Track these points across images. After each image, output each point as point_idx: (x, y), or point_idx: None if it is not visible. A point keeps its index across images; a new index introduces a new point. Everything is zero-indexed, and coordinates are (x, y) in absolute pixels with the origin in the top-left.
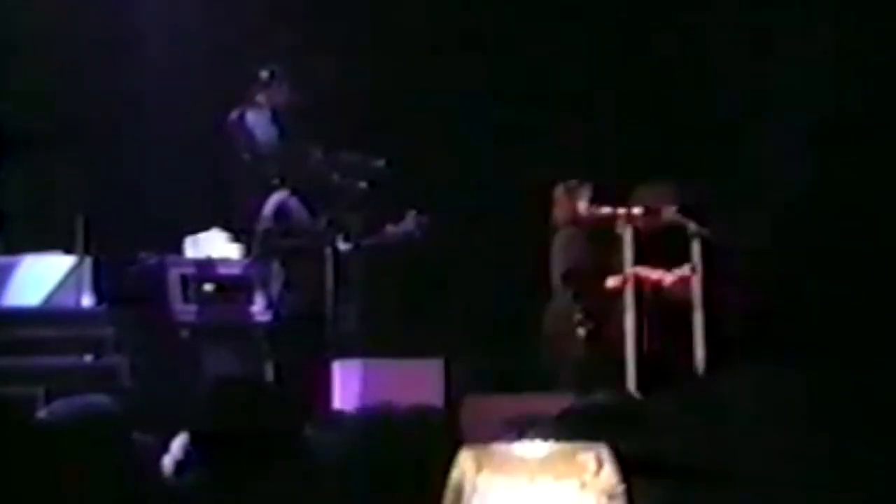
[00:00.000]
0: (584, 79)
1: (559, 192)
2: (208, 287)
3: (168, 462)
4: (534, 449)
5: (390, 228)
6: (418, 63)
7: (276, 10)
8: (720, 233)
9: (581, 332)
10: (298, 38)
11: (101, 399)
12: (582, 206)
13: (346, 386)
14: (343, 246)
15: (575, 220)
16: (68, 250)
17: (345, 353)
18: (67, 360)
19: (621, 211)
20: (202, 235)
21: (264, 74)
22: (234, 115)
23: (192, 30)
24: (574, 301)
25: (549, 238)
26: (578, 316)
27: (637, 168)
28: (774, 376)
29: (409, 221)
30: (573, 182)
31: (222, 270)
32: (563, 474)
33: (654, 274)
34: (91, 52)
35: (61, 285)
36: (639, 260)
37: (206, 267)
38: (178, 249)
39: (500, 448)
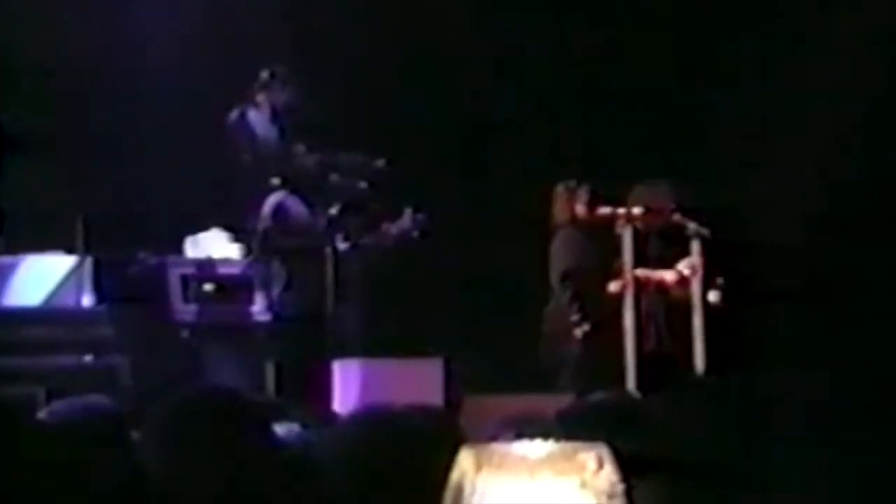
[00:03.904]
0: (585, 79)
1: (558, 192)
2: (208, 287)
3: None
4: (534, 448)
5: (386, 227)
6: (418, 63)
7: (276, 10)
8: (723, 233)
9: (578, 332)
10: (298, 37)
11: (101, 399)
12: (581, 205)
13: (345, 386)
14: (342, 245)
15: (574, 219)
16: (69, 250)
17: (345, 352)
18: (68, 360)
19: (621, 211)
20: (202, 235)
21: (265, 74)
22: (234, 114)
23: (193, 29)
24: (571, 301)
25: (548, 238)
26: (575, 317)
27: (636, 168)
28: (775, 376)
29: (407, 220)
30: (572, 182)
31: (222, 270)
32: (563, 473)
33: (656, 274)
34: (92, 51)
35: (62, 285)
36: (638, 260)
37: (207, 267)
38: (179, 249)
39: (500, 448)
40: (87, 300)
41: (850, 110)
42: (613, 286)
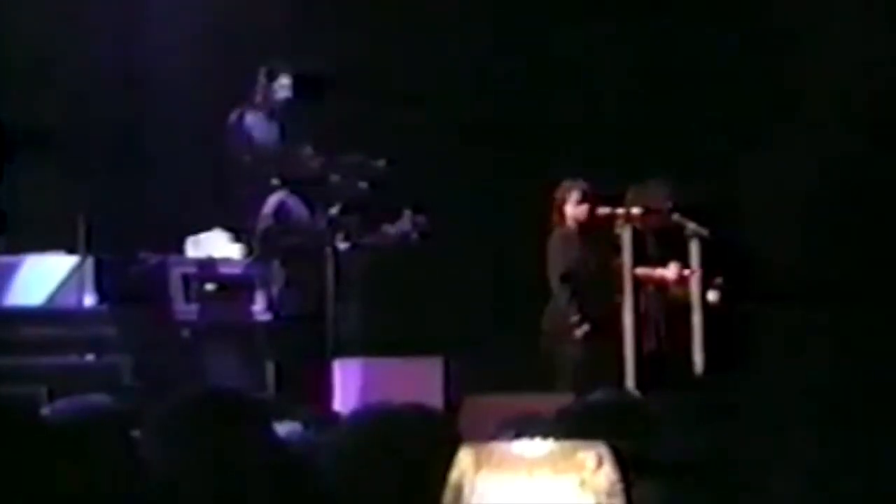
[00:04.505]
0: (584, 79)
1: (558, 191)
2: (210, 287)
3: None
4: (533, 447)
5: (386, 228)
6: (419, 62)
7: (276, 10)
8: (723, 232)
9: (578, 332)
10: (299, 37)
11: (102, 398)
12: (571, 205)
13: (345, 385)
14: (342, 245)
15: (573, 219)
16: (70, 250)
17: (345, 352)
18: (69, 360)
19: (620, 211)
20: (203, 235)
21: (264, 74)
22: (233, 115)
23: (193, 29)
24: (571, 301)
25: (548, 238)
26: (575, 317)
27: (636, 168)
28: (775, 376)
29: (406, 221)
30: (571, 182)
31: (223, 270)
32: (562, 472)
33: (656, 273)
34: (93, 51)
35: (63, 285)
36: (638, 259)
37: (208, 267)
38: (180, 249)
39: (500, 447)
40: (88, 300)
41: (850, 110)
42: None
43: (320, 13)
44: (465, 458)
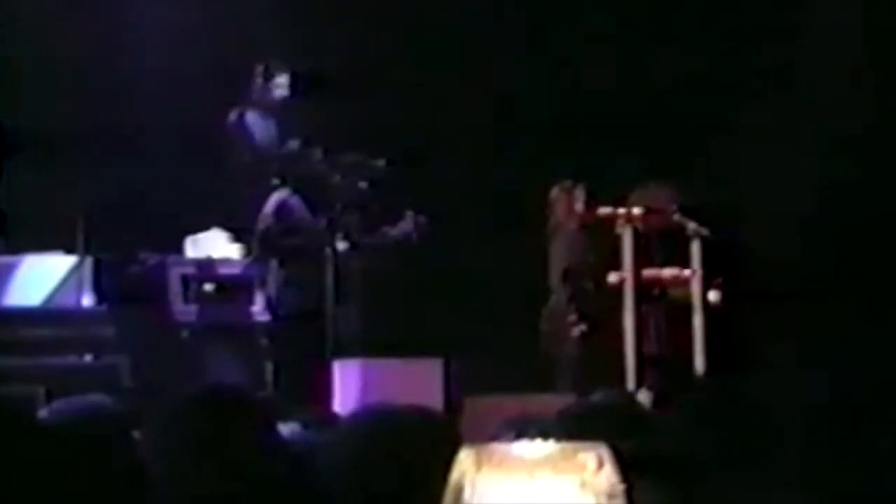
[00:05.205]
0: (585, 79)
1: (556, 192)
2: (208, 287)
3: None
4: (534, 448)
5: (387, 229)
6: (419, 63)
7: (275, 10)
8: (724, 233)
9: (576, 332)
10: (299, 37)
11: (101, 399)
12: (579, 205)
13: (345, 386)
14: (342, 245)
15: (573, 219)
16: (69, 250)
17: (345, 352)
18: (68, 360)
19: (621, 211)
20: (203, 235)
21: (261, 73)
22: (233, 115)
23: (192, 29)
24: (570, 301)
25: (548, 238)
26: (573, 317)
27: (636, 168)
28: (776, 376)
29: (407, 222)
30: (568, 182)
31: (223, 270)
32: (563, 473)
33: (664, 274)
34: (92, 51)
35: (62, 285)
36: (640, 260)
37: (207, 267)
38: (179, 249)
39: (500, 447)
40: (87, 300)
41: (850, 111)
42: (613, 277)
43: (321, 12)
44: (465, 458)
